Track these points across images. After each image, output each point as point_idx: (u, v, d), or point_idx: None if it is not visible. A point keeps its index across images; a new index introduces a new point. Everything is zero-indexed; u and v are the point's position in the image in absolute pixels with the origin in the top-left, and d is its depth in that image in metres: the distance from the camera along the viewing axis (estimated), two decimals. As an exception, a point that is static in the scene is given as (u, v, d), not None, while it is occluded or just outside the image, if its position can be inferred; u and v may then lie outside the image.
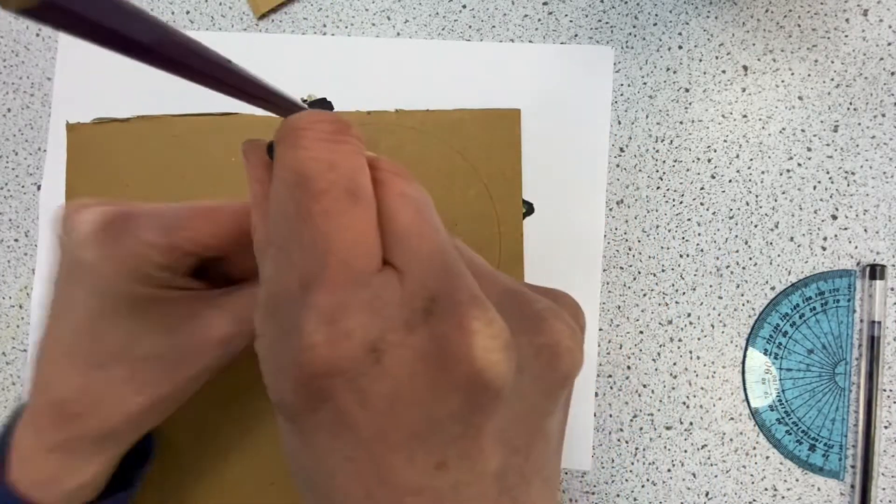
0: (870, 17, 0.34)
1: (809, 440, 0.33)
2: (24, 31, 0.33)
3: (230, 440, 0.31)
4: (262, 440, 0.31)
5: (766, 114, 0.33)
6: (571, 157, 0.33)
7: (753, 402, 0.33)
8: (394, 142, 0.31)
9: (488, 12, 0.33)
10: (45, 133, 0.33)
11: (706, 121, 0.33)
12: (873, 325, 0.32)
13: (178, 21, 0.33)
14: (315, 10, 0.33)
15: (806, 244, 0.33)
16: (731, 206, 0.33)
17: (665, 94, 0.33)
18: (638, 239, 0.33)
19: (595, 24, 0.33)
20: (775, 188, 0.33)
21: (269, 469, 0.31)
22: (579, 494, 0.33)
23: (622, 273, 0.33)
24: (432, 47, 0.33)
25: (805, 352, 0.33)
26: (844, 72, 0.34)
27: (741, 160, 0.33)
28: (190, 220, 0.22)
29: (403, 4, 0.33)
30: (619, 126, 0.33)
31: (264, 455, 0.31)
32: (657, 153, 0.33)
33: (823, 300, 0.33)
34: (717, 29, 0.33)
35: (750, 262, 0.33)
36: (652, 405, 0.33)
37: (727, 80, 0.33)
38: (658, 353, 0.33)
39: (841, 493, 0.33)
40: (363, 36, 0.33)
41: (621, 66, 0.33)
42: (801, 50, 0.34)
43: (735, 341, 0.33)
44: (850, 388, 0.33)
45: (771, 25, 0.34)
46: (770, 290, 0.33)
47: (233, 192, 0.31)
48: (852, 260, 0.33)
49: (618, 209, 0.33)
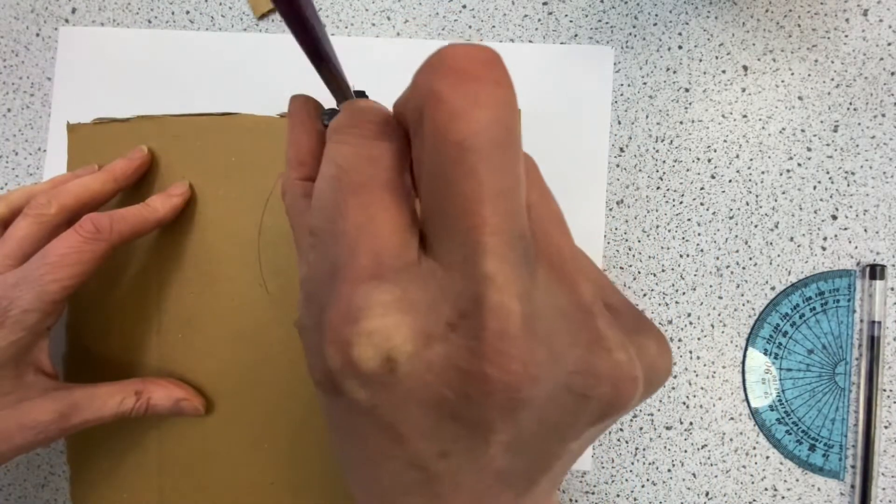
0: (870, 17, 0.34)
1: (809, 440, 0.33)
2: (24, 31, 0.33)
3: (230, 440, 0.31)
4: (262, 440, 0.31)
5: (766, 114, 0.33)
6: (571, 157, 0.33)
7: (753, 402, 0.33)
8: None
9: (488, 12, 0.33)
10: (45, 133, 0.33)
11: (706, 121, 0.33)
12: (873, 325, 0.32)
13: (178, 21, 0.33)
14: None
15: (806, 244, 0.33)
16: (731, 206, 0.33)
17: (665, 94, 0.33)
18: (638, 239, 0.33)
19: (595, 24, 0.33)
20: (775, 188, 0.33)
21: (269, 469, 0.31)
22: (579, 494, 0.33)
23: (622, 273, 0.33)
24: (432, 47, 0.33)
25: (805, 352, 0.33)
26: (844, 72, 0.34)
27: (741, 160, 0.33)
28: (53, 274, 0.25)
29: (403, 4, 0.33)
30: (619, 126, 0.33)
31: (264, 454, 0.31)
32: (657, 153, 0.33)
33: (823, 300, 0.33)
34: (717, 29, 0.33)
35: (750, 262, 0.33)
36: (652, 405, 0.33)
37: (727, 80, 0.33)
38: (658, 353, 0.33)
39: (841, 493, 0.33)
40: (363, 36, 0.33)
41: (621, 66, 0.33)
42: (801, 50, 0.34)
43: (735, 341, 0.33)
44: (850, 388, 0.33)
45: (771, 25, 0.34)
46: (770, 290, 0.33)
47: (233, 192, 0.31)
48: (852, 260, 0.33)
49: (618, 209, 0.33)
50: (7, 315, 0.25)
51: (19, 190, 0.29)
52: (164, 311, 0.31)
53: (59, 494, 0.32)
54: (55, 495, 0.32)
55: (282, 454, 0.31)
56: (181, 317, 0.31)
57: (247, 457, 0.31)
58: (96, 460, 0.31)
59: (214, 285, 0.31)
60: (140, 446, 0.31)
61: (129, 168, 0.31)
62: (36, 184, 0.31)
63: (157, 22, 0.33)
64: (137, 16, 0.33)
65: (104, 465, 0.31)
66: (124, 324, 0.31)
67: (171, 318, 0.31)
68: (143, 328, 0.31)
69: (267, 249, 0.31)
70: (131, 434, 0.31)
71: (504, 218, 0.14)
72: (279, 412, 0.31)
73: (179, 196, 0.31)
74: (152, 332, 0.31)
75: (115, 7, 0.33)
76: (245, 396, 0.31)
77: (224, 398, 0.31)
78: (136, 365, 0.31)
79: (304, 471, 0.31)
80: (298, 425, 0.31)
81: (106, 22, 0.33)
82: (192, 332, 0.31)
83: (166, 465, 0.31)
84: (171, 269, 0.31)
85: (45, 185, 0.30)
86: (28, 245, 0.27)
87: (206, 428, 0.31)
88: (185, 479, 0.31)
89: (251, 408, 0.31)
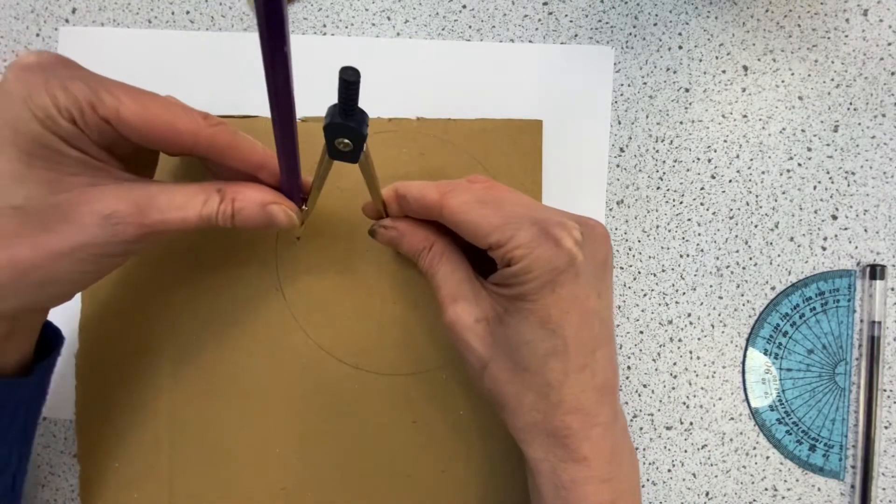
0: (870, 17, 0.34)
1: (809, 440, 0.33)
2: (24, 32, 0.33)
3: (241, 443, 0.31)
4: (273, 444, 0.31)
5: (766, 114, 0.33)
6: (571, 157, 0.33)
7: (753, 402, 0.33)
8: (415, 150, 0.31)
9: (488, 12, 0.33)
10: (45, 133, 0.33)
11: (706, 121, 0.33)
12: (873, 325, 0.32)
13: (178, 21, 0.33)
14: (315, 10, 0.33)
15: (806, 244, 0.33)
16: (731, 206, 0.33)
17: (665, 94, 0.33)
18: (638, 239, 0.33)
19: (595, 24, 0.33)
20: (775, 188, 0.33)
21: (281, 473, 0.31)
22: (579, 494, 0.33)
23: (622, 273, 0.33)
24: (432, 47, 0.33)
25: (805, 352, 0.33)
26: (844, 72, 0.34)
27: (741, 160, 0.33)
28: (121, 93, 0.21)
29: (403, 4, 0.33)
30: (619, 126, 0.33)
31: (275, 459, 0.31)
32: (657, 153, 0.33)
33: (823, 300, 0.33)
34: (717, 29, 0.34)
35: (750, 262, 0.33)
36: (652, 405, 0.33)
37: (727, 80, 0.33)
38: (658, 353, 0.33)
39: (841, 493, 0.33)
40: (363, 36, 0.33)
41: (621, 66, 0.33)
42: (801, 50, 0.34)
43: (735, 341, 0.33)
44: (850, 388, 0.33)
45: (771, 25, 0.34)
46: (770, 290, 0.33)
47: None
48: (852, 260, 0.33)
49: (618, 209, 0.33)
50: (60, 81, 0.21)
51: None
52: (179, 311, 0.31)
53: (59, 494, 0.32)
54: (55, 495, 0.32)
55: (293, 460, 0.31)
56: (196, 318, 0.31)
57: (258, 461, 0.31)
58: (107, 460, 0.31)
59: (230, 288, 0.31)
60: (151, 447, 0.31)
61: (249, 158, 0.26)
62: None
63: (157, 22, 0.33)
64: (137, 16, 0.33)
65: (115, 465, 0.31)
66: (139, 325, 0.31)
67: (186, 318, 0.31)
68: (157, 329, 0.31)
69: (284, 254, 0.31)
70: (143, 434, 0.31)
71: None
72: (291, 417, 0.31)
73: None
74: (167, 334, 0.31)
75: (115, 7, 0.33)
76: (258, 400, 0.31)
77: (237, 401, 0.31)
78: (149, 365, 0.31)
79: (315, 477, 0.31)
80: (310, 431, 0.31)
81: (106, 22, 0.33)
82: (207, 335, 0.31)
83: (177, 465, 0.31)
84: (187, 271, 0.31)
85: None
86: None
87: (217, 430, 0.31)
88: (196, 480, 0.31)
89: (263, 412, 0.31)
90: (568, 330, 0.23)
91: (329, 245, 0.31)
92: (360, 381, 0.31)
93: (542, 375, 0.23)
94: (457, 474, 0.31)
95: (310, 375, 0.31)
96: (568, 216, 0.25)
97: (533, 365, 0.23)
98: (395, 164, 0.31)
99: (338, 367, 0.31)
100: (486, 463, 0.31)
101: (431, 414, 0.31)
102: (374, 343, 0.31)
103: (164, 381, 0.31)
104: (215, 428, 0.31)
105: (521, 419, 0.24)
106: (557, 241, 0.23)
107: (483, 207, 0.24)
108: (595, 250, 0.24)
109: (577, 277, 0.23)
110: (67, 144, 0.21)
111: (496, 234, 0.23)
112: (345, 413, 0.31)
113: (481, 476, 0.31)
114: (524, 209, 0.24)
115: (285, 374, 0.31)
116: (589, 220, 0.25)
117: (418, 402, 0.31)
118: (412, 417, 0.31)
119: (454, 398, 0.31)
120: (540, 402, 0.24)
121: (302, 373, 0.31)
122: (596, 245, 0.24)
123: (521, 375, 0.24)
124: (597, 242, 0.25)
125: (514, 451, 0.31)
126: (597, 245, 0.24)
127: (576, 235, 0.23)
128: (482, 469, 0.31)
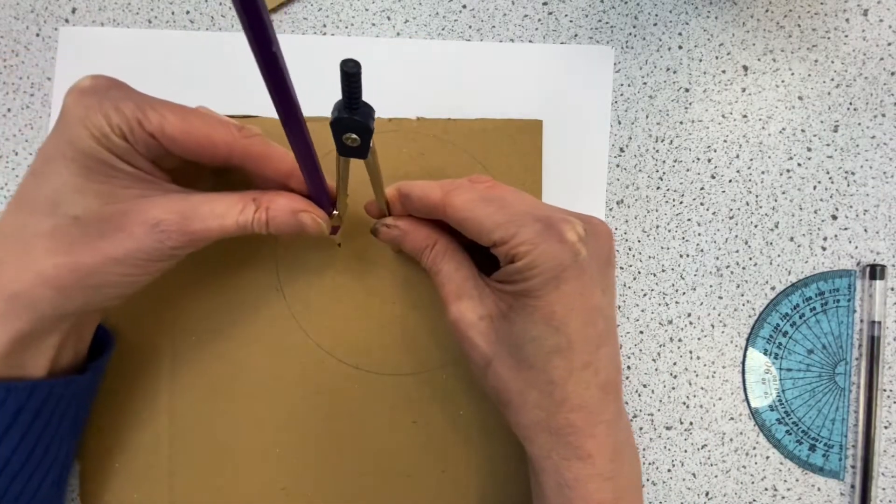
0: (870, 17, 0.34)
1: (809, 440, 0.33)
2: (24, 32, 0.33)
3: (242, 443, 0.31)
4: (274, 445, 0.31)
5: (766, 114, 0.33)
6: (571, 157, 0.33)
7: (753, 402, 0.33)
8: (415, 149, 0.31)
9: (488, 12, 0.33)
10: (45, 133, 0.33)
11: (706, 121, 0.33)
12: (873, 325, 0.32)
13: (178, 21, 0.33)
14: (315, 10, 0.33)
15: (806, 244, 0.33)
16: (731, 206, 0.33)
17: (665, 94, 0.33)
18: (638, 239, 0.33)
19: (595, 24, 0.33)
20: (775, 188, 0.33)
21: (281, 474, 0.31)
22: (579, 494, 0.33)
23: (622, 273, 0.33)
24: (432, 47, 0.33)
25: (805, 352, 0.33)
26: (844, 72, 0.34)
27: (741, 160, 0.33)
28: (165, 109, 0.23)
29: (403, 4, 0.33)
30: (619, 126, 0.33)
31: (276, 459, 0.31)
32: (657, 153, 0.33)
33: (823, 300, 0.33)
34: (717, 29, 0.34)
35: (750, 262, 0.33)
36: (652, 405, 0.33)
37: (727, 80, 0.33)
38: (658, 353, 0.33)
39: (841, 493, 0.33)
40: (363, 36, 0.33)
41: (621, 66, 0.33)
42: (801, 50, 0.34)
43: (735, 341, 0.33)
44: (850, 388, 0.33)
45: (771, 25, 0.34)
46: (770, 290, 0.33)
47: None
48: (852, 260, 0.33)
49: (618, 209, 0.33)
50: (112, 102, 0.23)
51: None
52: (179, 311, 0.31)
53: (59, 494, 0.32)
54: (55, 495, 0.32)
55: (294, 460, 0.31)
56: (196, 318, 0.31)
57: (258, 461, 0.31)
58: (107, 459, 0.31)
59: (230, 289, 0.31)
60: (151, 447, 0.31)
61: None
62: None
63: (157, 22, 0.33)
64: (137, 16, 0.33)
65: (115, 465, 0.31)
66: (139, 325, 0.31)
67: (186, 318, 0.31)
68: (157, 329, 0.31)
69: (284, 254, 0.31)
70: (143, 434, 0.31)
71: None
72: (291, 417, 0.31)
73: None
74: (167, 334, 0.31)
75: (115, 7, 0.33)
76: (258, 400, 0.31)
77: (237, 402, 0.31)
78: (149, 365, 0.31)
79: (315, 477, 0.31)
80: (310, 431, 0.31)
81: (106, 22, 0.33)
82: (207, 335, 0.31)
83: (178, 465, 0.31)
84: (187, 271, 0.31)
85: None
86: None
87: (218, 430, 0.31)
88: (196, 480, 0.31)
89: (263, 412, 0.31)
90: (572, 327, 0.23)
91: (329, 245, 0.31)
92: (360, 381, 0.31)
93: (546, 372, 0.23)
94: (457, 474, 0.31)
95: (310, 375, 0.31)
96: (571, 213, 0.25)
97: (537, 362, 0.23)
98: (395, 164, 0.31)
99: (338, 367, 0.31)
100: (486, 463, 0.31)
101: (432, 414, 0.31)
102: (374, 343, 0.31)
103: (164, 381, 0.31)
104: (215, 428, 0.31)
105: (525, 416, 0.24)
106: (561, 236, 0.23)
107: (486, 205, 0.24)
108: (598, 247, 0.24)
109: (582, 274, 0.23)
110: (120, 160, 0.23)
111: (500, 230, 0.23)
112: (345, 413, 0.31)
113: (481, 476, 0.31)
114: (527, 207, 0.24)
115: (285, 374, 0.31)
116: (592, 217, 0.25)
117: (418, 402, 0.31)
118: (412, 417, 0.31)
119: (454, 398, 0.31)
120: (543, 400, 0.24)
121: (302, 373, 0.31)
122: (599, 242, 0.25)
123: (525, 373, 0.24)
124: (600, 239, 0.25)
125: (514, 451, 0.31)
126: (600, 242, 0.25)
127: (579, 231, 0.23)
128: (482, 469, 0.31)
